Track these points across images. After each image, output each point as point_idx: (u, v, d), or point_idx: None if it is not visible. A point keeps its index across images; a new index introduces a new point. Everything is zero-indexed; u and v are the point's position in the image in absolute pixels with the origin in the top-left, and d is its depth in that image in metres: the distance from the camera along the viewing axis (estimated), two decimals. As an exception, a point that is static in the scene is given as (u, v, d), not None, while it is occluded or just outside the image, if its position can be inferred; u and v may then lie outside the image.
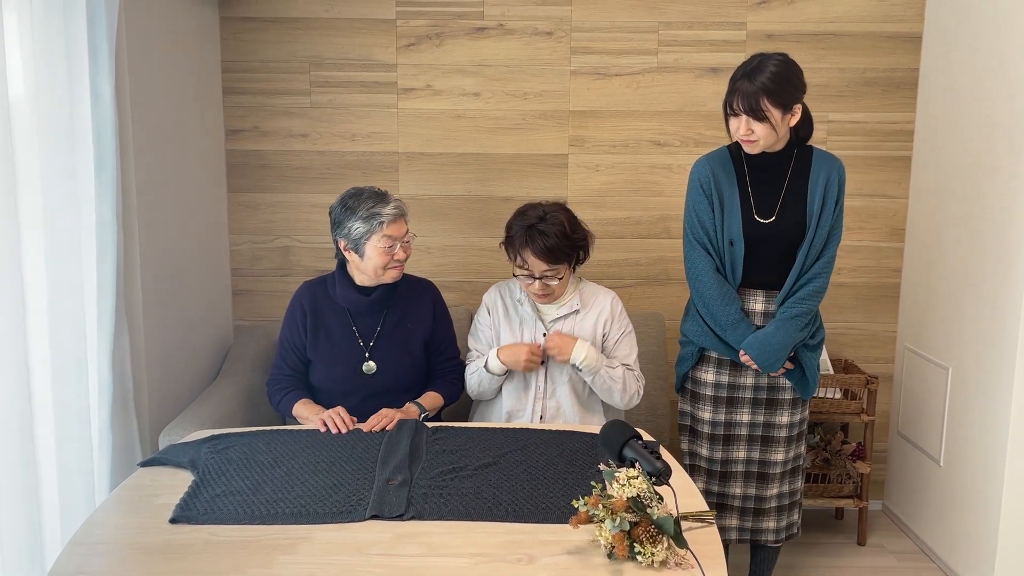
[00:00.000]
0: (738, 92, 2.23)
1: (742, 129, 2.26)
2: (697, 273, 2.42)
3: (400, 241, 2.35)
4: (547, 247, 2.32)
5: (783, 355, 2.36)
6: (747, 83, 2.21)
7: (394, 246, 2.33)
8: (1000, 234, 2.63)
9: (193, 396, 2.77)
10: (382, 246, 2.32)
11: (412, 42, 3.12)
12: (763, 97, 2.20)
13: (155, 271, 2.55)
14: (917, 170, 3.17)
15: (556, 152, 3.18)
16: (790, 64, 2.25)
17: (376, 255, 2.33)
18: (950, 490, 2.92)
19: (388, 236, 2.31)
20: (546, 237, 2.32)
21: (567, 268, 2.40)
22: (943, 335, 2.97)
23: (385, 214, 2.31)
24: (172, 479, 1.93)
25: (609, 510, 1.55)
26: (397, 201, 2.37)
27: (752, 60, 2.26)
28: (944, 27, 2.98)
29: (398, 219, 2.34)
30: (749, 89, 2.20)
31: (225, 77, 3.13)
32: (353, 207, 2.33)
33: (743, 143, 2.31)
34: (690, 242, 2.44)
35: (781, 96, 2.22)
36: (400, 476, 1.89)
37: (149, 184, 2.51)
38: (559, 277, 2.38)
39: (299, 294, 2.51)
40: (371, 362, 2.43)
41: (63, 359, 2.04)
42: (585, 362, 2.36)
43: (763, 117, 2.22)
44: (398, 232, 2.34)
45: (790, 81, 2.23)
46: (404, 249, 2.37)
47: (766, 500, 2.51)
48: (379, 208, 2.31)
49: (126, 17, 2.33)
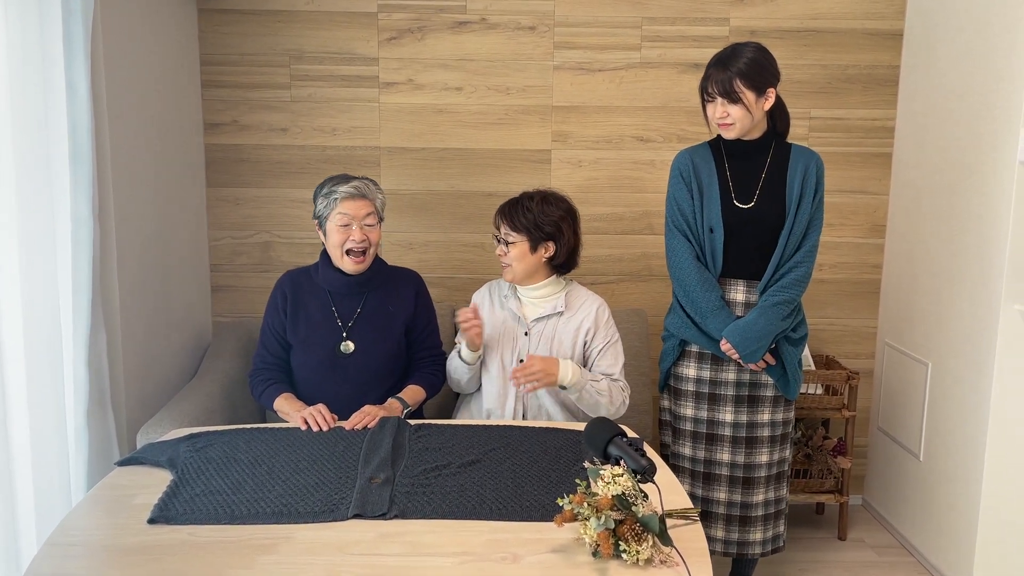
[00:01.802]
0: (712, 77, 2.31)
1: (718, 112, 2.33)
2: (678, 261, 2.44)
3: (359, 222, 2.36)
4: (512, 211, 2.41)
5: (764, 344, 2.37)
6: (721, 67, 2.30)
7: (350, 225, 2.35)
8: (980, 231, 2.65)
9: (172, 394, 2.73)
10: (338, 223, 2.35)
11: (394, 36, 3.09)
12: (737, 79, 2.27)
13: (132, 266, 2.52)
14: (898, 166, 3.19)
15: (539, 147, 3.17)
16: (763, 50, 2.33)
17: (333, 232, 2.37)
18: (929, 485, 2.95)
19: (343, 213, 2.35)
20: (517, 203, 2.42)
21: (525, 245, 2.39)
22: (923, 331, 2.99)
23: (340, 191, 2.35)
24: (150, 478, 1.90)
25: (594, 508, 1.54)
26: (362, 182, 2.39)
27: (726, 48, 2.35)
28: (925, 24, 3.00)
29: (356, 198, 2.36)
30: (723, 74, 2.28)
31: (204, 70, 3.09)
32: (322, 186, 2.41)
33: (720, 128, 2.37)
34: (670, 230, 2.47)
35: (754, 79, 2.29)
36: (383, 474, 1.88)
37: (126, 178, 2.47)
38: (509, 243, 2.40)
39: (280, 282, 2.52)
40: (348, 342, 2.43)
41: (37, 356, 2.00)
42: (571, 380, 2.33)
43: (737, 99, 2.29)
44: (355, 211, 2.35)
45: (763, 66, 2.31)
46: (363, 231, 2.37)
47: (752, 507, 2.50)
48: (338, 185, 2.37)
49: (102, 9, 2.29)
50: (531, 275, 2.45)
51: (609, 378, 2.42)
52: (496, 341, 2.47)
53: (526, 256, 2.41)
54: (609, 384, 2.40)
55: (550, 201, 2.43)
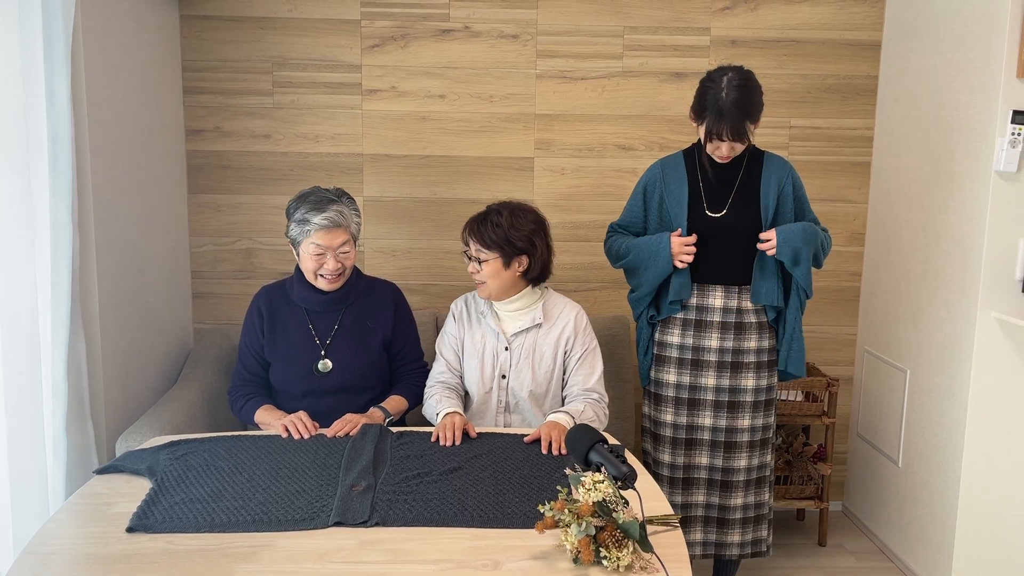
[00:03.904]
0: (724, 123, 2.31)
1: (724, 150, 2.37)
2: (608, 246, 2.60)
3: (333, 251, 2.32)
4: (482, 228, 2.36)
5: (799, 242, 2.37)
6: (731, 112, 2.29)
7: (324, 255, 2.32)
8: (957, 239, 2.69)
9: (151, 401, 2.71)
10: (312, 252, 2.33)
11: (377, 43, 3.10)
12: (746, 122, 2.33)
13: (112, 273, 2.50)
14: (876, 175, 3.22)
15: (522, 155, 3.18)
16: (753, 80, 2.36)
17: (307, 258, 2.35)
18: (908, 491, 2.97)
19: (316, 244, 2.31)
20: (486, 220, 2.36)
21: (498, 262, 2.34)
22: (902, 338, 3.02)
23: (314, 223, 2.30)
24: (129, 487, 1.88)
25: (575, 514, 1.55)
26: (337, 210, 2.32)
27: (730, 88, 2.30)
28: (903, 35, 3.04)
29: (330, 229, 2.31)
30: (734, 119, 2.30)
31: (186, 76, 3.08)
32: (294, 208, 2.36)
33: (720, 159, 2.42)
34: (609, 232, 2.64)
35: (755, 115, 2.36)
36: (364, 482, 1.87)
37: (106, 184, 2.46)
38: (481, 262, 2.35)
39: (256, 298, 2.50)
40: (327, 360, 2.41)
41: (15, 363, 1.99)
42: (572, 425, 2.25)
43: (747, 139, 2.37)
44: (329, 242, 2.31)
45: (758, 98, 2.36)
46: (337, 259, 2.34)
47: (730, 510, 2.52)
48: (312, 215, 2.30)
49: (83, 14, 2.28)
50: (506, 290, 2.40)
51: (587, 396, 2.38)
52: (477, 358, 2.43)
53: (500, 273, 2.36)
54: (593, 408, 2.35)
55: (518, 214, 2.37)
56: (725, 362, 2.47)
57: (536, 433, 2.17)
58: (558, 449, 2.09)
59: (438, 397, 2.36)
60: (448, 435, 2.14)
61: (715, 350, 2.47)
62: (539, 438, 2.15)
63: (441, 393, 2.37)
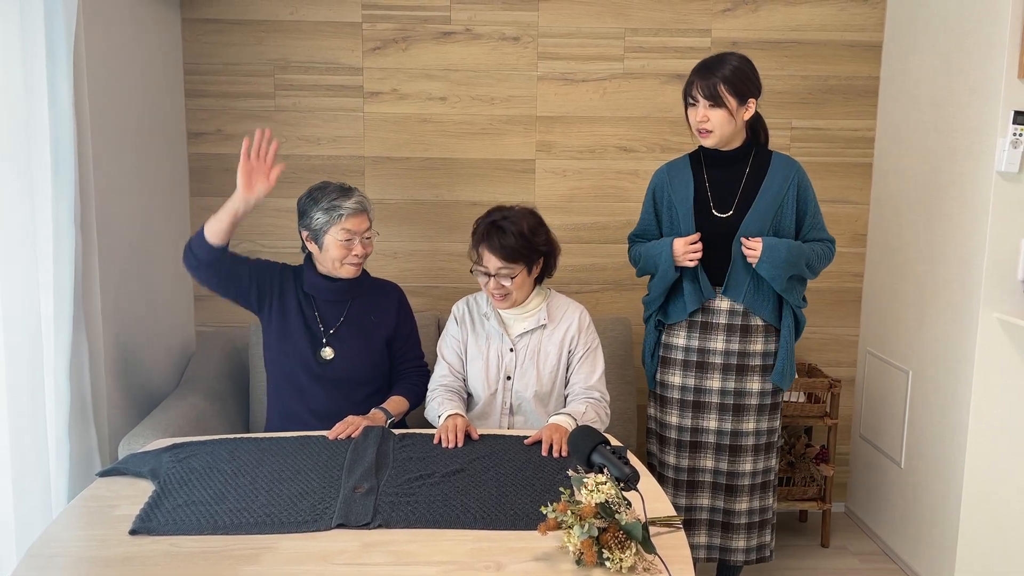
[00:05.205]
0: (697, 81, 2.34)
1: (699, 115, 2.35)
2: (635, 255, 2.58)
3: (360, 236, 2.38)
4: (503, 244, 2.31)
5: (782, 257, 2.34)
6: (707, 72, 2.33)
7: (352, 240, 2.37)
8: (959, 239, 2.69)
9: (154, 404, 2.71)
10: (340, 239, 2.36)
11: (378, 46, 3.10)
12: (721, 84, 2.31)
13: (115, 276, 2.51)
14: (878, 176, 3.22)
15: (523, 157, 3.18)
16: (748, 61, 2.38)
17: (334, 247, 2.37)
18: (911, 492, 2.97)
19: (347, 229, 2.35)
20: (504, 234, 2.31)
21: (524, 271, 2.35)
22: (904, 339, 3.02)
23: (345, 207, 2.35)
24: (132, 489, 1.88)
25: (578, 516, 1.55)
26: (360, 197, 2.40)
27: (712, 56, 2.39)
28: (904, 36, 3.04)
29: (359, 213, 2.37)
30: (709, 79, 2.32)
31: (187, 79, 3.09)
32: (317, 198, 2.38)
33: (700, 135, 2.39)
34: (630, 242, 2.62)
35: (738, 86, 2.33)
36: (367, 484, 1.87)
37: (108, 187, 2.46)
38: (513, 277, 2.34)
39: (281, 266, 2.52)
40: (328, 348, 2.43)
41: (18, 365, 1.99)
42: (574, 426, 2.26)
43: (721, 103, 2.32)
44: (357, 226, 2.37)
45: (747, 75, 2.35)
46: (363, 245, 2.40)
47: (735, 515, 2.52)
48: (340, 201, 2.36)
49: (85, 17, 2.28)
50: (527, 295, 2.42)
51: (588, 395, 2.38)
52: (482, 360, 2.43)
53: (526, 281, 2.38)
54: (594, 408, 2.35)
55: (526, 218, 2.37)
56: (730, 365, 2.46)
57: (537, 435, 2.18)
58: (559, 452, 2.10)
59: (440, 400, 2.36)
60: (450, 437, 2.14)
61: (720, 352, 2.46)
62: (540, 440, 2.15)
63: (443, 396, 2.38)
